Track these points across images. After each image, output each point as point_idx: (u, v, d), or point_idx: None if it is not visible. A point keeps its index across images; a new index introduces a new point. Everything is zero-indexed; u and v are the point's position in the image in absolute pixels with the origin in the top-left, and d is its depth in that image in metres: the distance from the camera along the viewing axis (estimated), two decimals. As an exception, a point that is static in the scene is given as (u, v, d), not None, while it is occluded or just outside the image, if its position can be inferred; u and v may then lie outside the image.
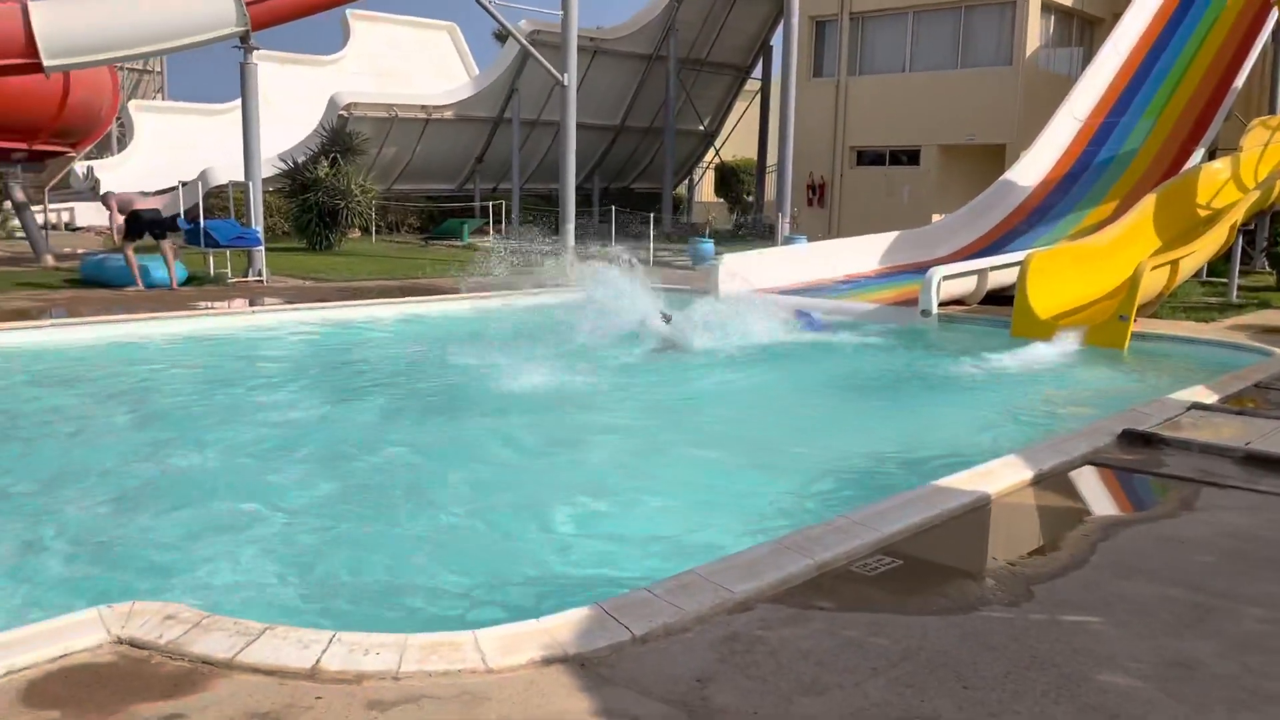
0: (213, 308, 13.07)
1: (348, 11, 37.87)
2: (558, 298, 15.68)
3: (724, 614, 3.99)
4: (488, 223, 29.62)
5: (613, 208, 29.67)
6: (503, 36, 31.21)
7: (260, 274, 16.60)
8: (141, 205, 16.75)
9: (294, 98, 34.89)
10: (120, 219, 16.55)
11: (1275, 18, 19.53)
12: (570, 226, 21.08)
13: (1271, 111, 20.80)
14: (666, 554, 5.20)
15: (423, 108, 30.85)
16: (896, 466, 6.92)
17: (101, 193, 17.01)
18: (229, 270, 16.65)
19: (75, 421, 7.95)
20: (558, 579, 4.99)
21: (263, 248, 16.75)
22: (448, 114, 31.46)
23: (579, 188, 34.36)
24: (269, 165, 24.35)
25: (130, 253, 15.17)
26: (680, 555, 5.07)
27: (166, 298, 13.99)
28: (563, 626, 3.76)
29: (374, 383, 9.88)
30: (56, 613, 3.83)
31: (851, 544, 4.72)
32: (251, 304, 13.74)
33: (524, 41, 22.67)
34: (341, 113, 28.26)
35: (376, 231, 28.83)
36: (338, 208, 23.68)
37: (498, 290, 14.73)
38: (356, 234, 27.49)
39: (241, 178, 17.52)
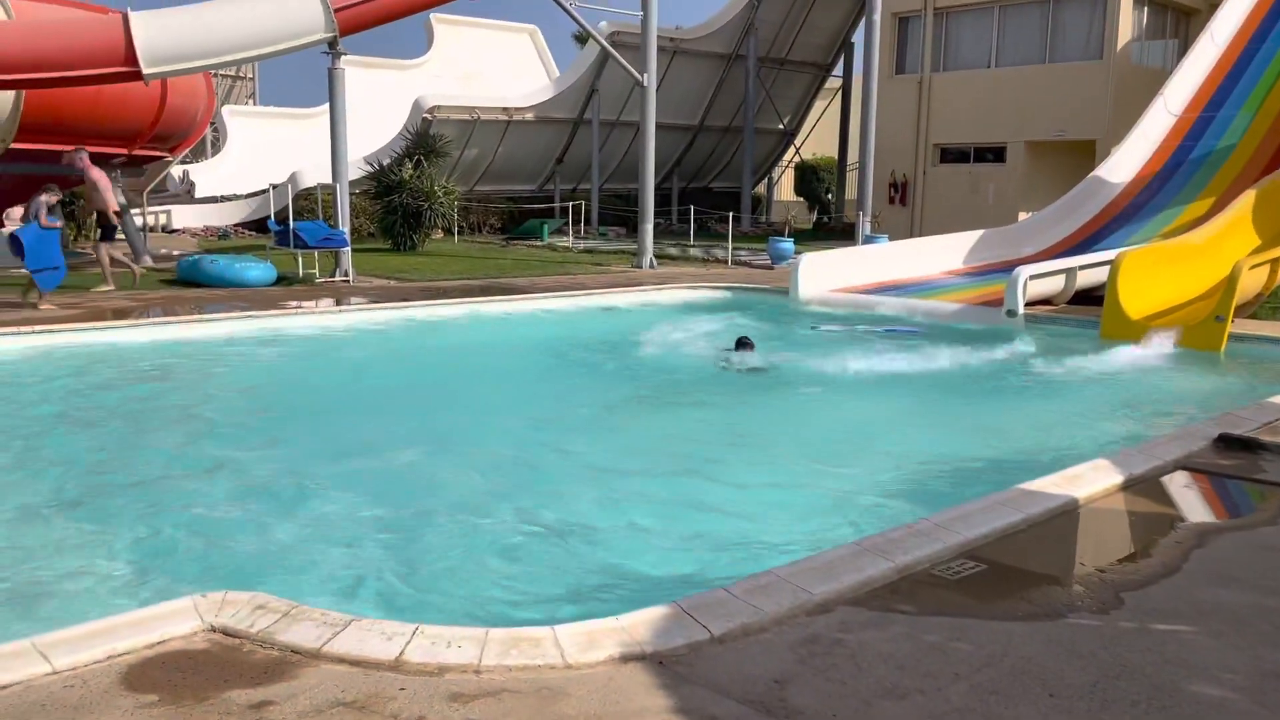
0: (302, 307, 13.42)
1: (431, 16, 38.54)
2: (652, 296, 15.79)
3: (803, 615, 3.97)
4: (567, 223, 29.87)
5: (691, 207, 29.68)
6: (583, 38, 31.47)
7: (347, 274, 17.01)
8: (109, 199, 15.53)
9: (380, 101, 35.64)
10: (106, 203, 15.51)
11: (1388, 4, 18.58)
12: (649, 226, 21.12)
13: (1383, 102, 19.77)
14: (745, 552, 5.20)
15: (504, 110, 31.22)
16: (981, 469, 6.79)
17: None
18: (317, 270, 17.09)
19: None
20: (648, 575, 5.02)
21: (349, 248, 17.16)
22: (528, 115, 31.80)
23: (658, 187, 34.38)
24: (355, 168, 24.92)
25: (104, 254, 15.12)
26: (754, 553, 5.07)
27: (254, 296, 14.44)
28: (641, 624, 3.78)
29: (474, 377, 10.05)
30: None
31: (933, 547, 4.65)
32: (338, 303, 14.07)
33: (604, 43, 22.79)
34: (425, 115, 28.77)
35: (459, 232, 29.30)
36: (421, 209, 24.11)
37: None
38: (440, 234, 27.97)
39: (329, 180, 17.96)
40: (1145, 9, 24.86)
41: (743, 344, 10.52)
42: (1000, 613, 4.05)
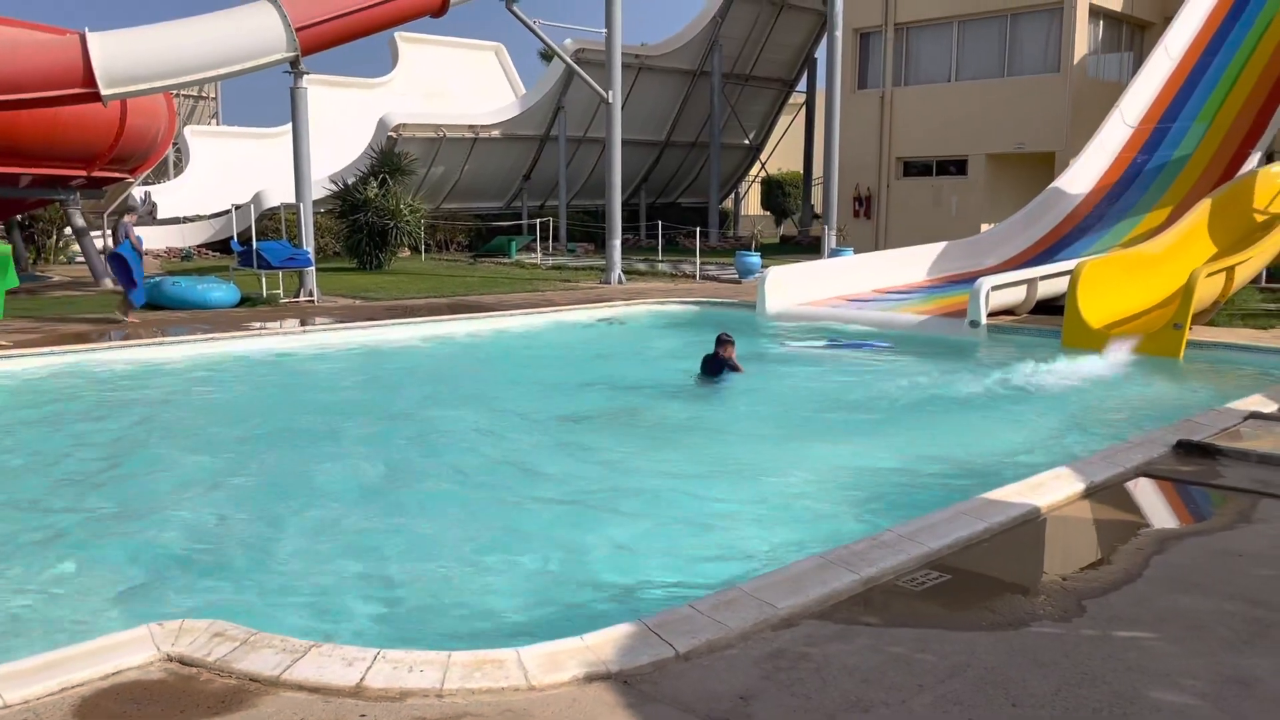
0: (265, 328, 13.30)
1: (395, 34, 38.47)
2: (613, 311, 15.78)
3: (768, 630, 3.97)
4: (535, 240, 29.86)
5: (659, 222, 29.77)
6: (548, 56, 31.54)
7: (311, 294, 16.88)
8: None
9: (344, 120, 35.52)
10: None
11: (1334, 16, 19.05)
12: (617, 242, 21.15)
13: (1332, 112, 20.24)
14: (709, 566, 5.19)
15: (470, 127, 31.21)
16: (945, 479, 6.83)
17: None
18: (281, 291, 16.95)
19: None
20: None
21: (314, 268, 17.04)
22: (495, 133, 31.81)
23: (625, 203, 34.50)
24: (319, 187, 24.79)
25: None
26: (727, 567, 5.07)
27: (217, 318, 14.28)
28: (606, 643, 3.76)
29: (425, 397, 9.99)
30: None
31: (898, 558, 4.67)
32: (302, 323, 13.95)
33: (569, 60, 22.85)
34: (390, 134, 28.69)
35: (425, 250, 29.19)
36: (387, 227, 24.01)
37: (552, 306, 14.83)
38: (406, 253, 27.85)
39: (293, 200, 17.84)
40: (1101, 23, 25.31)
41: (722, 341, 10.45)
42: (964, 623, 4.06)
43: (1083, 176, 19.63)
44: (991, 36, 25.83)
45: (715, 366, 10.30)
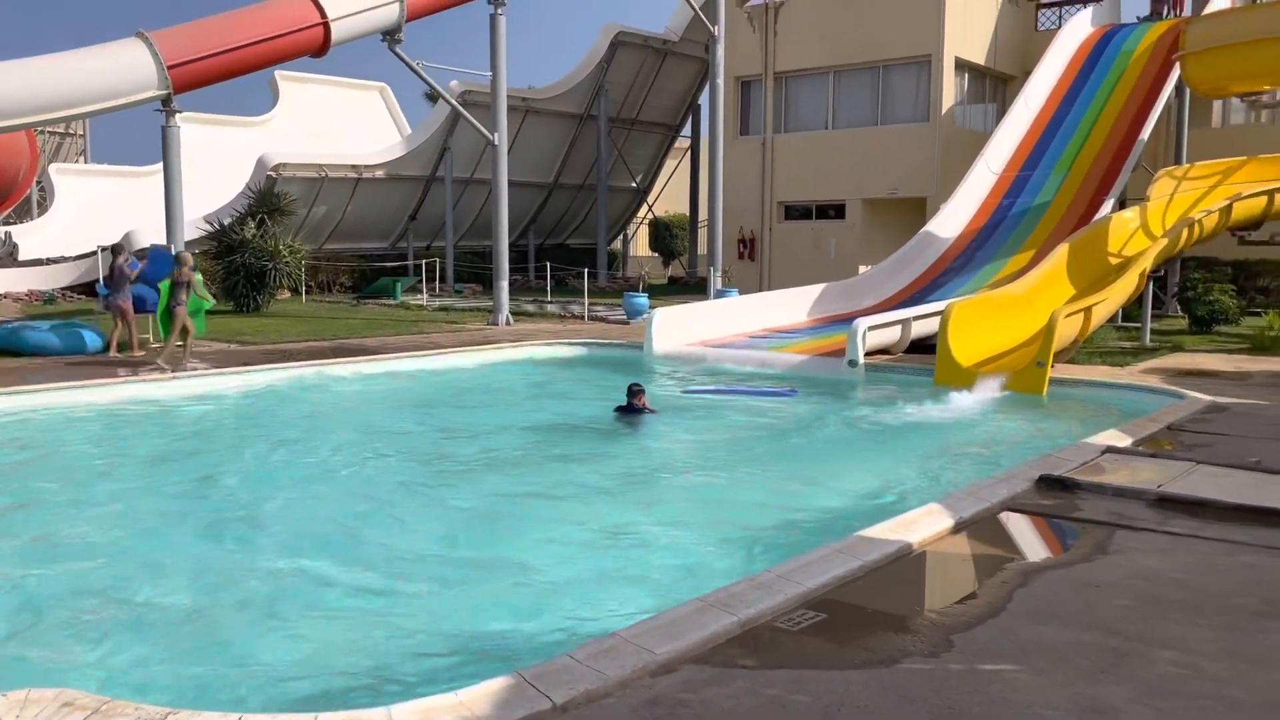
0: (132, 375, 12.72)
1: (276, 73, 37.78)
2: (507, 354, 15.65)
3: (647, 677, 3.95)
4: (421, 281, 29.50)
5: (548, 264, 29.80)
6: (434, 97, 31.42)
7: (184, 338, 16.24)
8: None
9: (221, 159, 34.56)
10: None
11: (1177, 73, 20.47)
12: (504, 283, 21.07)
13: (1177, 162, 21.70)
14: (555, 619, 5.17)
15: (353, 167, 30.78)
16: (824, 516, 6.97)
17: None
18: (151, 335, 16.27)
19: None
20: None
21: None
22: (379, 173, 31.43)
23: (514, 245, 34.51)
24: (194, 227, 24.01)
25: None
26: (574, 617, 5.06)
27: (80, 364, 13.61)
28: (480, 698, 3.68)
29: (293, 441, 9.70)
30: None
31: (775, 599, 4.73)
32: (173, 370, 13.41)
33: (454, 103, 22.81)
34: (270, 173, 28.04)
35: (307, 292, 28.51)
36: (265, 269, 23.38)
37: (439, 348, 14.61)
38: (286, 295, 27.14)
39: (164, 241, 17.22)
40: (966, 75, 26.63)
41: (634, 391, 10.68)
42: (839, 662, 4.13)
43: (952, 221, 20.54)
44: (865, 87, 26.88)
45: (629, 412, 10.63)
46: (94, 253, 26.42)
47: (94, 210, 34.44)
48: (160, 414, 11.17)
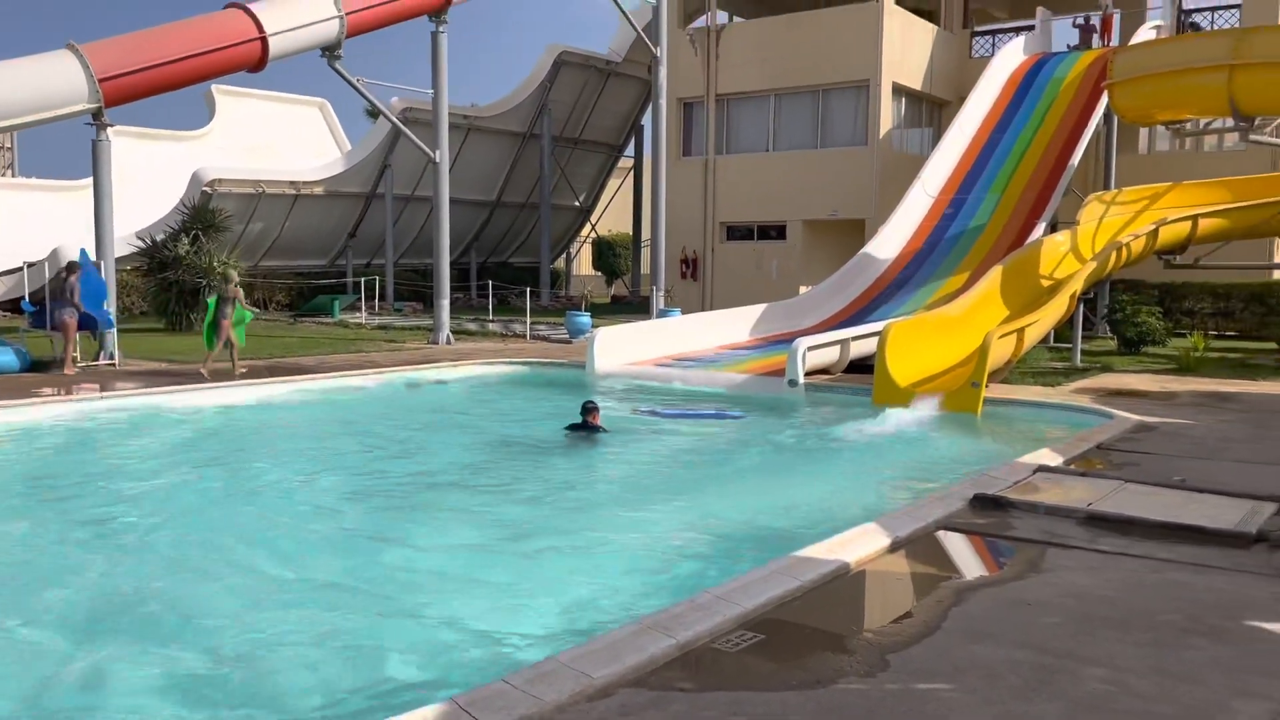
0: (57, 394, 12.35)
1: (212, 86, 37.14)
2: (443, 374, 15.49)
3: (584, 701, 3.92)
4: (360, 299, 29.15)
5: (490, 282, 29.65)
6: (375, 113, 31.16)
7: (113, 357, 15.84)
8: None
9: (155, 174, 33.80)
10: None
11: (1105, 101, 21.08)
12: (445, 302, 20.90)
13: (1106, 187, 22.34)
14: (492, 643, 5.11)
15: (291, 183, 30.35)
16: (763, 537, 6.98)
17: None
18: (79, 354, 15.83)
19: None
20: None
21: (115, 329, 16.02)
22: (317, 190, 31.04)
23: (456, 263, 34.27)
24: (125, 244, 23.48)
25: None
26: (511, 641, 5.01)
27: (2, 384, 13.19)
28: (413, 725, 3.61)
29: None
30: None
31: (714, 620, 4.72)
32: (103, 389, 13.06)
33: (394, 120, 22.62)
34: (205, 189, 27.53)
35: (242, 310, 27.94)
36: (199, 286, 22.92)
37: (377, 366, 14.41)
38: (221, 313, 26.58)
39: (94, 257, 16.77)
40: (903, 100, 27.14)
41: (588, 409, 10.67)
42: (776, 683, 4.13)
43: (890, 243, 20.88)
44: (805, 110, 27.27)
45: (583, 430, 10.60)
46: (20, 268, 25.64)
47: (21, 225, 33.43)
48: (80, 435, 10.85)
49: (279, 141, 38.58)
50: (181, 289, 22.86)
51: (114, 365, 15.68)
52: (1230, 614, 4.95)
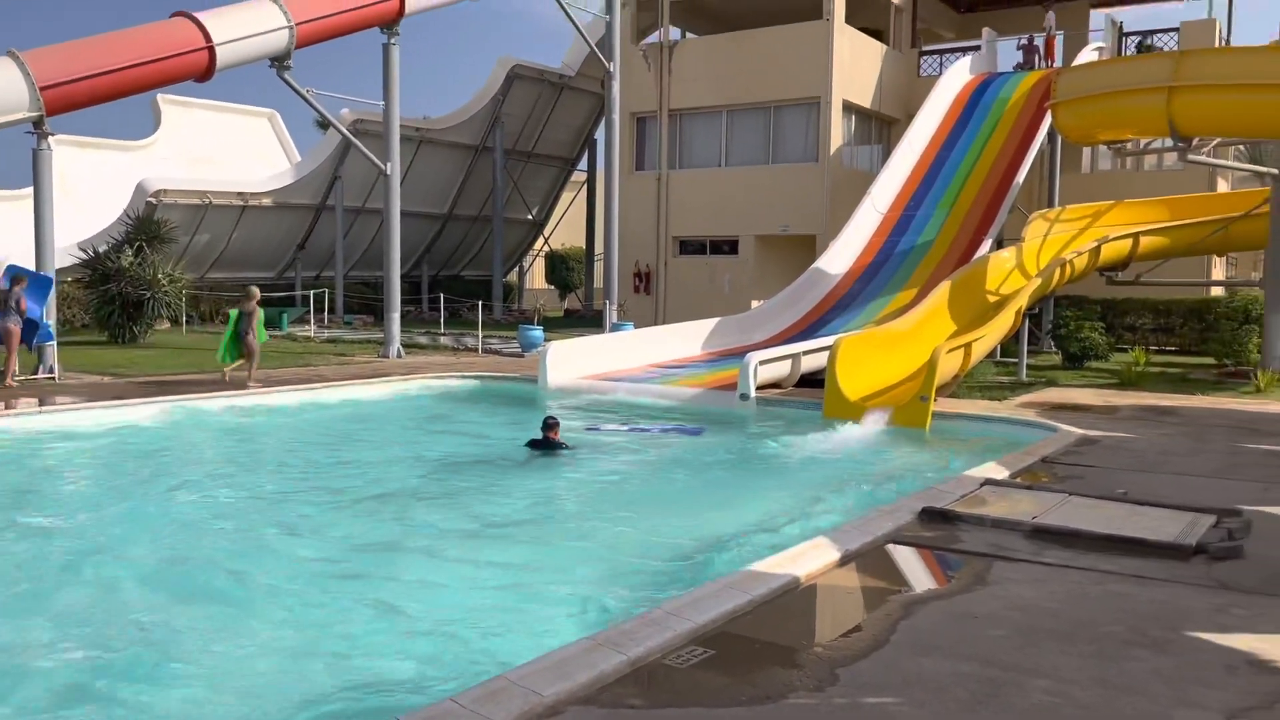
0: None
1: (158, 96, 36.58)
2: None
3: (533, 720, 3.88)
4: (309, 311, 28.79)
5: (441, 295, 29.45)
6: (325, 124, 30.88)
7: (52, 370, 15.47)
8: None
9: (98, 184, 33.19)
10: None
11: (1049, 120, 21.52)
12: (396, 315, 20.71)
13: (1050, 205, 22.81)
14: (480, 653, 5.05)
15: (239, 194, 29.96)
16: (714, 551, 6.98)
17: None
18: (16, 368, 15.42)
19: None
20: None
21: (54, 342, 15.65)
22: (266, 201, 30.67)
23: (407, 276, 34.05)
24: (66, 254, 22.97)
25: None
26: (460, 658, 4.95)
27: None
28: (358, 747, 3.55)
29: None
30: None
31: (665, 636, 4.70)
32: (41, 404, 12.74)
33: (345, 131, 22.43)
34: (150, 199, 27.07)
35: (188, 322, 27.51)
36: (143, 298, 22.48)
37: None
38: (165, 325, 26.14)
39: (34, 267, 16.38)
40: (853, 118, 27.51)
41: (549, 425, 10.59)
42: (726, 698, 4.13)
43: (840, 258, 21.10)
44: (757, 126, 27.52)
45: (543, 446, 10.52)
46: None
47: (-43, 234, 32.59)
48: (11, 448, 10.57)
49: (227, 152, 38.10)
50: (124, 301, 22.41)
51: (54, 379, 15.30)
52: (1171, 625, 5.05)
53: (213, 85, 18.62)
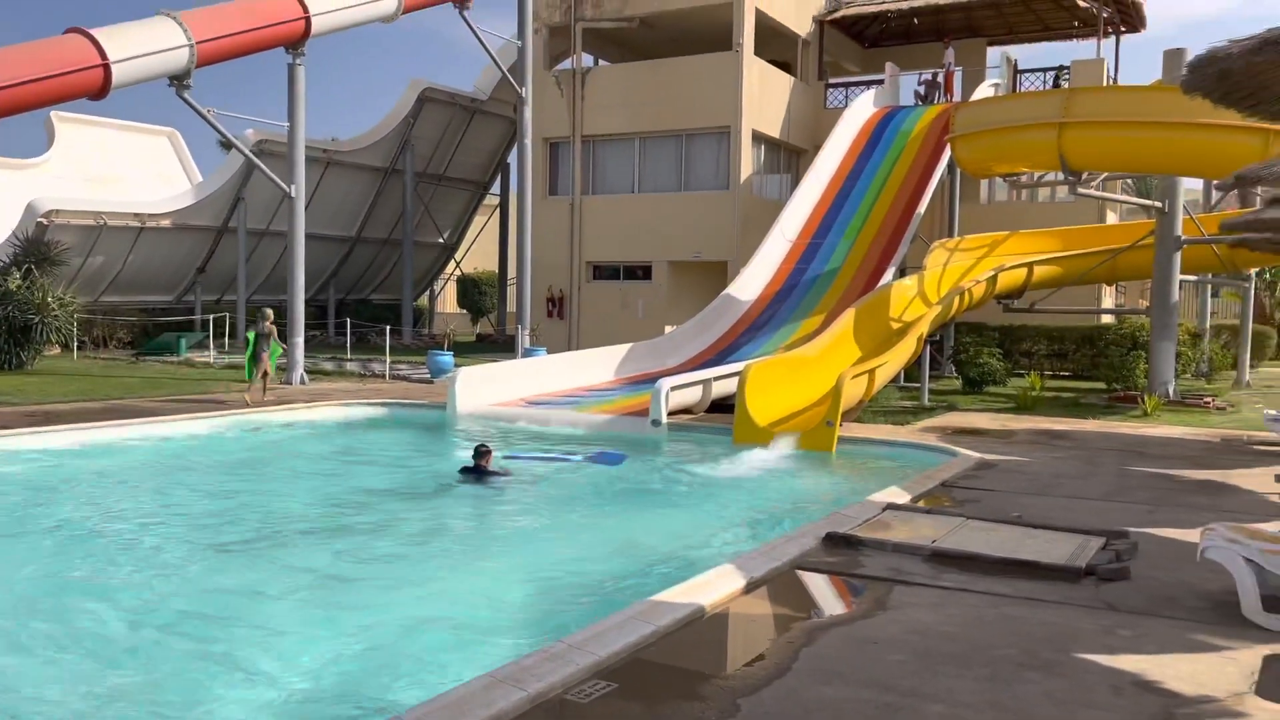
0: None
1: (52, 113, 35.23)
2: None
3: (428, 761, 3.77)
4: (208, 336, 27.93)
5: (348, 320, 28.89)
6: (228, 145, 30.13)
7: (-72, 398, 14.69)
8: None
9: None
10: None
11: (949, 153, 22.23)
12: (300, 340, 20.22)
13: (950, 234, 23.52)
14: (335, 702, 4.91)
15: (136, 215, 28.98)
16: (621, 579, 6.95)
17: None
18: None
19: None
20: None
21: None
22: (164, 222, 29.73)
23: (313, 299, 33.33)
24: (-52, 276, 21.89)
25: None
26: (357, 698, 4.82)
27: None
28: (242, 797, 3.40)
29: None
30: None
31: (567, 670, 4.64)
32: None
33: (247, 152, 21.93)
34: (40, 220, 26.00)
35: (80, 347, 26.44)
36: (31, 322, 21.53)
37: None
38: (56, 350, 25.07)
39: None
40: (762, 147, 27.97)
41: (480, 452, 10.44)
42: (628, 733, 4.08)
43: (750, 284, 21.37)
44: (669, 153, 27.78)
45: (475, 473, 10.38)
46: None
47: None
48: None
49: (124, 172, 36.82)
50: (11, 325, 21.42)
51: (-71, 408, 14.52)
52: (1061, 647, 5.18)
53: (110, 103, 18.05)
